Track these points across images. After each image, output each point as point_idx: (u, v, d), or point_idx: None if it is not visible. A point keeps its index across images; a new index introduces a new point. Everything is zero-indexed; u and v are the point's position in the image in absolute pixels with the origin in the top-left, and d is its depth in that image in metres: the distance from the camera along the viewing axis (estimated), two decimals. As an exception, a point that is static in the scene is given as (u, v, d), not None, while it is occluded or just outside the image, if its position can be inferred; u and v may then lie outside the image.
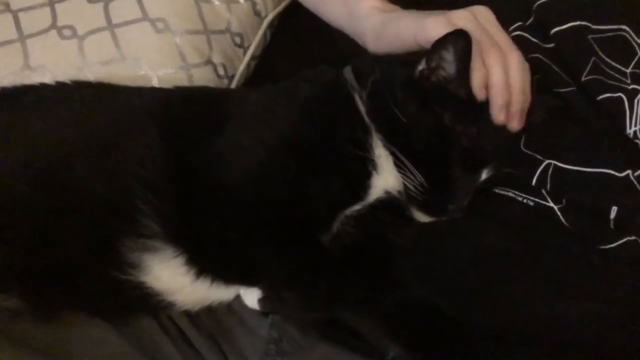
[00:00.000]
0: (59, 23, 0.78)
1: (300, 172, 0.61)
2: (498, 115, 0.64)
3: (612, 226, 0.65)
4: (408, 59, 0.67)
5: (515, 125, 0.65)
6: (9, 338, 0.59)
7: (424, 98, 0.64)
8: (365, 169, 0.63)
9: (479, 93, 0.64)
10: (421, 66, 0.64)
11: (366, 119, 0.66)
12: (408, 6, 0.76)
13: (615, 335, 0.60)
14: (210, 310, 0.66)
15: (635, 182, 0.66)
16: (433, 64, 0.64)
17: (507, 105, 0.64)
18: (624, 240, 0.64)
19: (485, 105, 0.64)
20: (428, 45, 0.64)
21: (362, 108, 0.66)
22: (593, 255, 0.65)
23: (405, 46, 0.69)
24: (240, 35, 0.89)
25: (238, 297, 0.66)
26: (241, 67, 0.90)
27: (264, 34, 0.92)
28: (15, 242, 0.59)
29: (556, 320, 0.61)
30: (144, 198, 0.60)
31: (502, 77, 0.63)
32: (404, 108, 0.63)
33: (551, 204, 0.67)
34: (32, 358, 0.59)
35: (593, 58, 0.71)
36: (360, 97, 0.67)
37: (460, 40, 0.61)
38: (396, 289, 0.60)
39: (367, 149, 0.64)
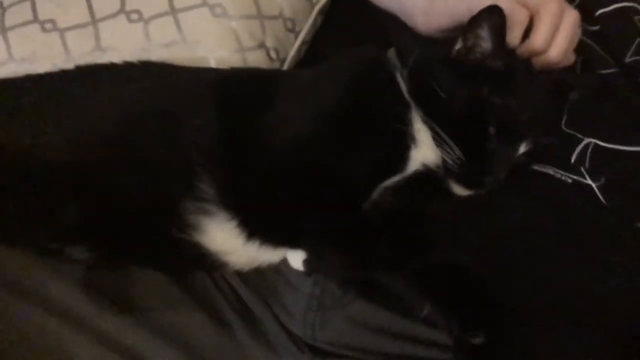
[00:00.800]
0: (127, 8, 0.82)
1: (344, 144, 0.64)
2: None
3: (651, 205, 0.65)
4: (447, 37, 0.69)
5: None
6: (82, 285, 0.66)
7: (462, 74, 0.65)
8: (405, 142, 0.65)
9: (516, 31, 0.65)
10: (458, 45, 0.66)
11: (406, 95, 0.68)
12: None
13: None
14: (259, 271, 0.70)
15: (674, 161, 0.65)
16: (469, 43, 0.65)
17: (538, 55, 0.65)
18: None
19: (523, 75, 0.65)
20: None
21: (403, 85, 0.69)
22: (631, 233, 0.65)
23: (455, 22, 0.69)
24: (292, 21, 0.91)
25: (284, 260, 0.70)
26: (292, 52, 0.91)
27: (315, 20, 0.94)
28: (87, 201, 0.64)
29: (588, 295, 0.62)
30: (201, 165, 0.64)
31: (550, 26, 0.64)
32: (442, 84, 0.65)
33: (589, 182, 0.67)
34: (102, 301, 0.65)
35: (637, 39, 0.71)
36: (401, 75, 0.69)
37: (494, 16, 0.62)
38: (429, 253, 0.62)
39: (407, 123, 0.66)
